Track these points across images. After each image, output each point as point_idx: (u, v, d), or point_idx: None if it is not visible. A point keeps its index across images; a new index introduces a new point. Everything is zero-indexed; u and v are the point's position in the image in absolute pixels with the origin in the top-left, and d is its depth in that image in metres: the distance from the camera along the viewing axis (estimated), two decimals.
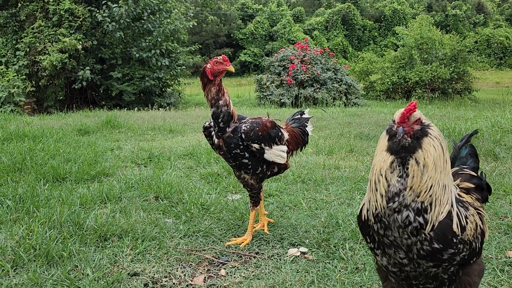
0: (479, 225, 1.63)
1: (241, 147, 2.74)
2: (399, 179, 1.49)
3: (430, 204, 1.46)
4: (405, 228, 1.47)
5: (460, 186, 1.80)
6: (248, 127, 2.73)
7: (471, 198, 1.76)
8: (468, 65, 18.21)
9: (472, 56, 18.87)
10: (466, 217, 1.56)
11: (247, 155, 2.78)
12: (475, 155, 1.97)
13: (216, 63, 2.65)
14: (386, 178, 1.51)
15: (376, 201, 1.52)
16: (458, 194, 1.69)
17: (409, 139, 1.51)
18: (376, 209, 1.52)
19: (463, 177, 1.86)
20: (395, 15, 39.99)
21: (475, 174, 1.89)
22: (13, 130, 6.21)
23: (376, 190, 1.52)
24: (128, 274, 2.48)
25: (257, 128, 2.74)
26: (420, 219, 1.46)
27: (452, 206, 1.52)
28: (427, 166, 1.47)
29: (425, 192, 1.46)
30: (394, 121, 1.53)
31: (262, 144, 2.76)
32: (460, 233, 1.51)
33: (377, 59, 20.19)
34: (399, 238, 1.50)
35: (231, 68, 2.68)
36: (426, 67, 17.53)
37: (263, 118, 2.89)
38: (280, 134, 2.89)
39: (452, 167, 1.87)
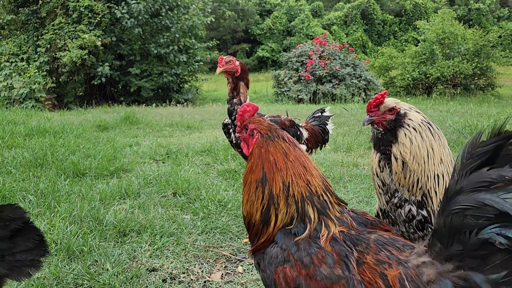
0: None
1: None
2: (389, 176, 1.46)
3: (425, 197, 1.41)
4: (410, 222, 1.44)
5: None
6: None
7: None
8: (491, 60, 17.76)
9: (495, 51, 18.39)
10: None
11: None
12: None
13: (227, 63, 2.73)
14: (377, 176, 1.48)
15: (380, 198, 1.50)
16: None
17: (381, 129, 1.43)
18: (382, 205, 1.51)
19: None
20: (416, 9, 39.23)
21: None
22: (35, 126, 6.32)
23: (378, 187, 1.50)
24: (147, 269, 2.50)
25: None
26: (424, 212, 1.42)
27: None
28: (406, 161, 1.40)
29: (412, 187, 1.41)
30: None
31: None
32: None
33: (397, 54, 19.80)
34: (406, 233, 1.47)
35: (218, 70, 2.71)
36: (448, 63, 17.16)
37: (282, 116, 2.87)
38: (298, 133, 2.87)
39: None
